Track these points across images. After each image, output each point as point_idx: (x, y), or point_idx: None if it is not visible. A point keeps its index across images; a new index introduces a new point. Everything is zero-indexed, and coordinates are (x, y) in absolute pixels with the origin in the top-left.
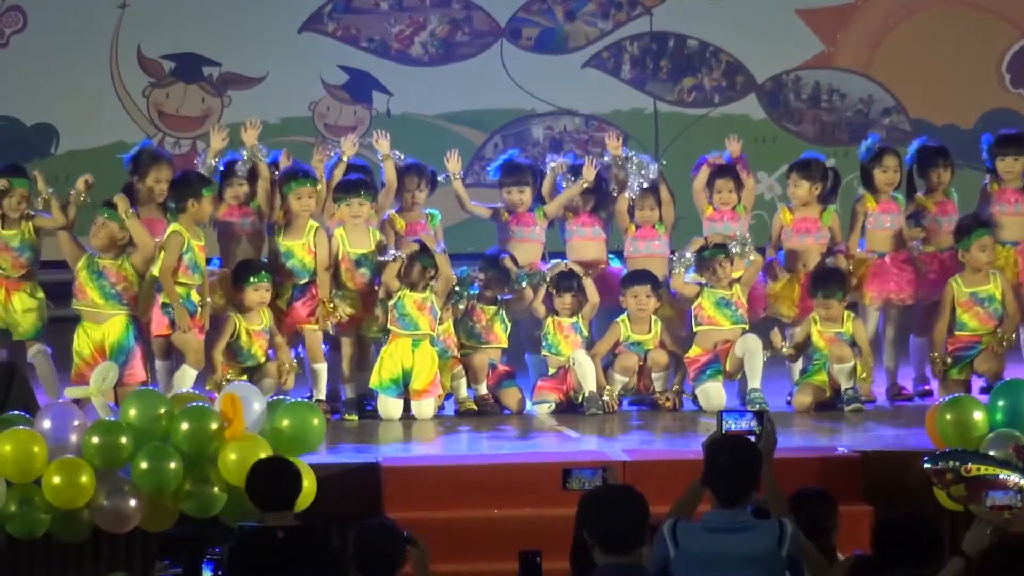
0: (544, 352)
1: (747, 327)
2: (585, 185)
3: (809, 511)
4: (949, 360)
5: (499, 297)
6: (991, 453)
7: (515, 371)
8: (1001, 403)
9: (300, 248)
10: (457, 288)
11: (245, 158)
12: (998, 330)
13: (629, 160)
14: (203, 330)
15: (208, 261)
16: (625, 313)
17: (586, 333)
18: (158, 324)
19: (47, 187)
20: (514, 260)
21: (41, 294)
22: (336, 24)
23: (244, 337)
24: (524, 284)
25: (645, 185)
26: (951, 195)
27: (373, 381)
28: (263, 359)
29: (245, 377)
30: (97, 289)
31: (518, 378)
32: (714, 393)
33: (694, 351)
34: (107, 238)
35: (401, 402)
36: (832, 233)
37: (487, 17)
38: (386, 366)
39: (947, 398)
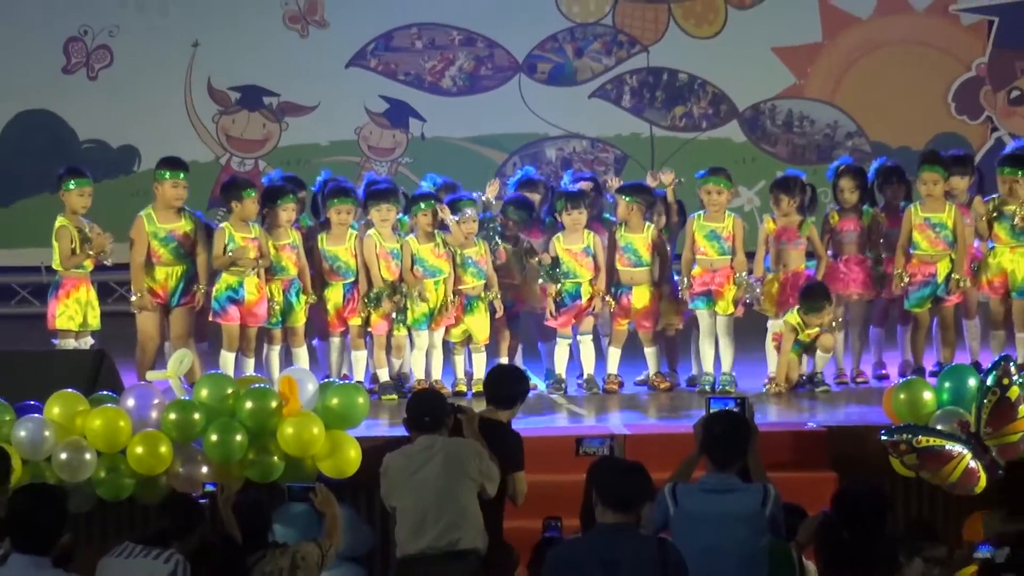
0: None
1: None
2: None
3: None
4: (906, 279)
5: (520, 237)
6: (939, 427)
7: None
8: (947, 385)
9: (345, 252)
10: (488, 227)
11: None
12: (953, 275)
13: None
14: (254, 316)
15: None
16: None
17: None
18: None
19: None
20: (555, 260)
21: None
22: (378, 60)
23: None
24: (542, 279)
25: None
26: (906, 207)
27: (408, 320)
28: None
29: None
30: None
31: (531, 364)
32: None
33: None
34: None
35: (427, 333)
36: (811, 242)
37: (507, 54)
38: (418, 308)
39: (901, 380)
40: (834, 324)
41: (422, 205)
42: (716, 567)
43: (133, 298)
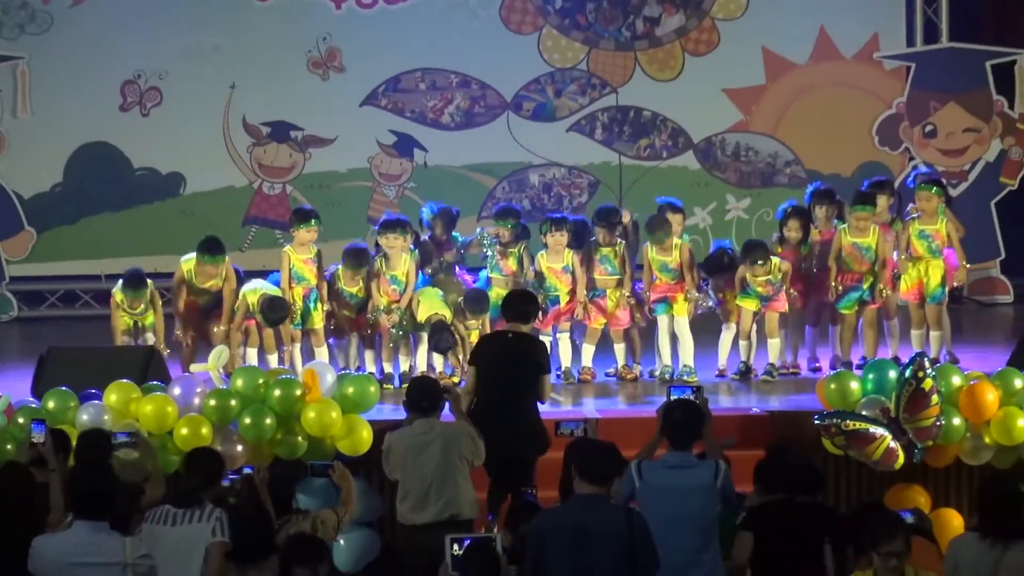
0: None
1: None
2: None
3: None
4: (840, 288)
5: (519, 239)
6: (864, 413)
7: None
8: (871, 376)
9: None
10: (484, 243)
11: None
12: (878, 286)
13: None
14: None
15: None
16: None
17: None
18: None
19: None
20: (539, 275)
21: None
22: (387, 100)
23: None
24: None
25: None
26: (837, 226)
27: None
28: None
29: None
30: None
31: None
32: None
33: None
34: None
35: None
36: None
37: (497, 94)
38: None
39: (832, 372)
40: (784, 283)
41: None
42: (676, 531)
43: (176, 332)
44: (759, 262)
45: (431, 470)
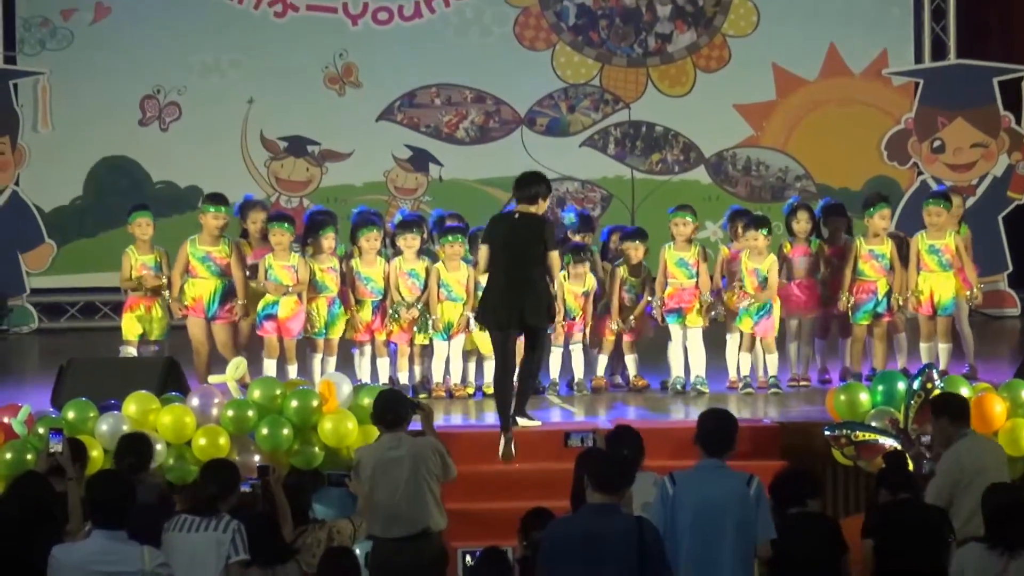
0: None
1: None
2: None
3: None
4: (852, 300)
5: None
6: (873, 424)
7: None
8: (880, 388)
9: (377, 274)
10: None
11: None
12: (893, 295)
13: None
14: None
15: None
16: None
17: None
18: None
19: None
20: None
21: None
22: (403, 115)
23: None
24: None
25: None
26: (847, 240)
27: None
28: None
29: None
30: None
31: None
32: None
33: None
34: None
35: (445, 344)
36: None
37: (512, 110)
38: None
39: (841, 384)
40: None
41: (449, 237)
42: (711, 536)
43: (172, 299)
44: (761, 226)
45: (400, 490)
